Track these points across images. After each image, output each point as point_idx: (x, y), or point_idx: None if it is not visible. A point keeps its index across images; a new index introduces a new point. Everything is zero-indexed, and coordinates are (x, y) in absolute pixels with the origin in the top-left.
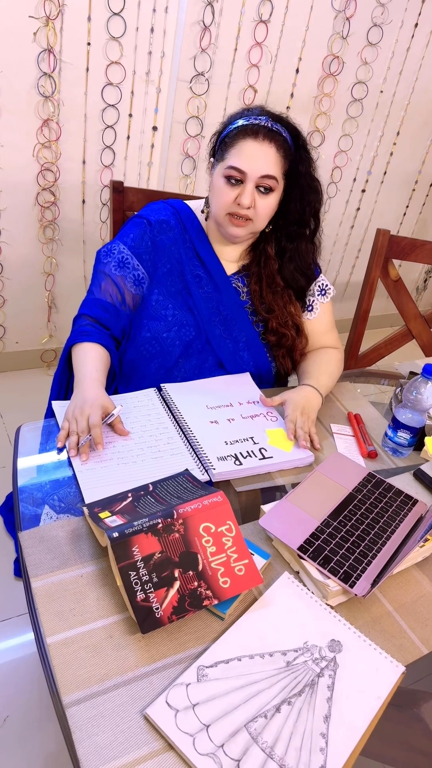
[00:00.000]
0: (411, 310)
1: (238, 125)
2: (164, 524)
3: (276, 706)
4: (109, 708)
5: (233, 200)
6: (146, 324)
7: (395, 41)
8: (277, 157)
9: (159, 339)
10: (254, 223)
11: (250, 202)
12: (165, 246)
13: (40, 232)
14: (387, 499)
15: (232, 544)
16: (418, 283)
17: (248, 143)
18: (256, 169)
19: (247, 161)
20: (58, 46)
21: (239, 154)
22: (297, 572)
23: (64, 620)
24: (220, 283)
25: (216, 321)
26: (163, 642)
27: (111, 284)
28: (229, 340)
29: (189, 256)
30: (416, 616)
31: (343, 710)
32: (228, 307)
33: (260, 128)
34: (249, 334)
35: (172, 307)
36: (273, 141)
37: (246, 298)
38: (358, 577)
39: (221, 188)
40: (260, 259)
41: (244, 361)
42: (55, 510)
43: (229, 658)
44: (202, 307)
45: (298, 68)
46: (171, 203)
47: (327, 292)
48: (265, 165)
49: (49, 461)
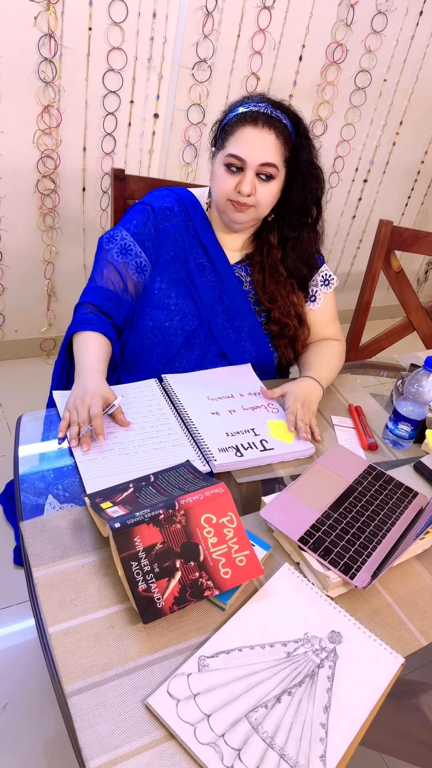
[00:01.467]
0: (412, 301)
1: (237, 113)
2: (166, 515)
3: (276, 696)
4: (110, 697)
5: (233, 188)
6: (149, 312)
7: (399, 29)
8: (277, 144)
9: (161, 328)
10: (256, 209)
11: (250, 189)
12: (168, 233)
13: (40, 219)
14: (387, 492)
15: (234, 535)
16: (419, 275)
17: (247, 130)
18: (256, 157)
19: (246, 149)
20: (59, 30)
21: (238, 141)
22: (297, 563)
23: (65, 610)
24: (222, 272)
25: (218, 310)
26: (165, 632)
27: (113, 271)
28: (231, 330)
29: (192, 244)
30: (416, 608)
31: (343, 701)
32: (231, 297)
33: (259, 115)
34: (251, 324)
35: (175, 296)
36: (272, 128)
37: (249, 288)
38: (358, 569)
39: (221, 176)
40: (263, 248)
41: (246, 351)
42: (59, 500)
43: (230, 648)
44: (205, 296)
45: (301, 56)
46: (175, 190)
47: (330, 282)
48: (265, 152)
49: (51, 451)
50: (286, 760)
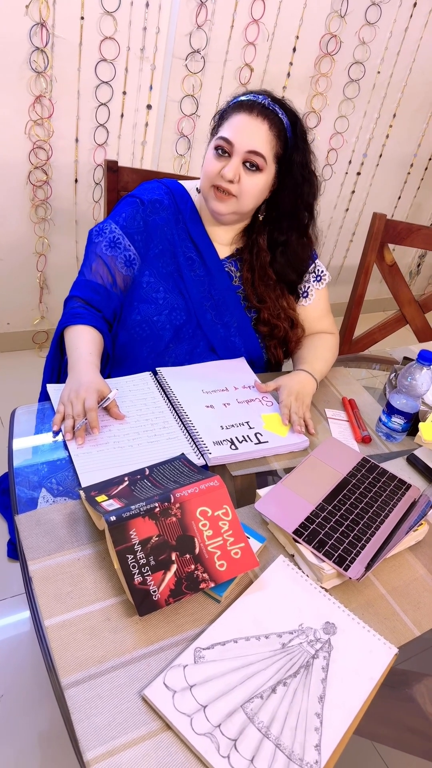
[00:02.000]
0: (405, 295)
1: (236, 101)
2: (161, 508)
3: (272, 686)
4: (107, 689)
5: (218, 171)
6: (137, 307)
7: (393, 21)
8: (268, 135)
9: (150, 322)
10: (238, 200)
11: (233, 175)
12: (158, 226)
13: (31, 211)
14: (381, 484)
15: (229, 527)
16: (412, 268)
17: (241, 116)
18: (244, 143)
19: (236, 133)
20: (50, 19)
21: (230, 126)
22: (292, 556)
23: (61, 603)
24: (212, 267)
25: (207, 305)
26: (160, 624)
27: (102, 265)
28: (220, 325)
29: (182, 237)
30: (409, 599)
31: (338, 691)
32: (220, 292)
33: (256, 104)
34: (240, 320)
35: (163, 290)
36: (266, 118)
37: (238, 283)
38: (352, 561)
39: (209, 159)
40: (252, 248)
41: (235, 347)
42: (53, 493)
43: (226, 640)
44: (194, 290)
45: (295, 47)
46: (165, 183)
47: (323, 278)
48: (254, 140)
49: (45, 445)
50: (282, 750)
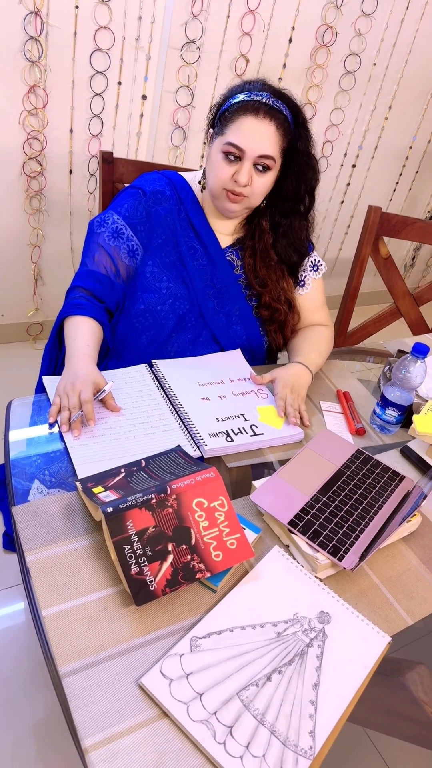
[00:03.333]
0: (400, 288)
1: (238, 100)
2: (158, 499)
3: (267, 675)
4: (104, 678)
5: (230, 177)
6: (140, 296)
7: (390, 12)
8: (276, 136)
9: (153, 311)
10: (250, 199)
11: (247, 180)
12: (160, 217)
13: (26, 202)
14: (375, 476)
15: (225, 518)
16: (406, 261)
17: (248, 120)
18: (255, 148)
19: (246, 139)
20: (45, 8)
21: (238, 130)
22: (287, 546)
23: (58, 593)
24: (214, 256)
25: (210, 294)
26: (157, 614)
27: (105, 255)
28: (222, 313)
29: (184, 227)
30: (402, 589)
31: (332, 679)
32: (222, 281)
33: (261, 105)
34: (242, 308)
35: (166, 280)
36: (273, 119)
37: (240, 272)
38: (346, 551)
39: (219, 164)
40: (255, 232)
41: (237, 335)
42: (46, 485)
43: (221, 629)
44: (196, 279)
45: (291, 38)
46: (166, 174)
47: (319, 268)
48: (265, 144)
49: (41, 436)
50: (277, 736)
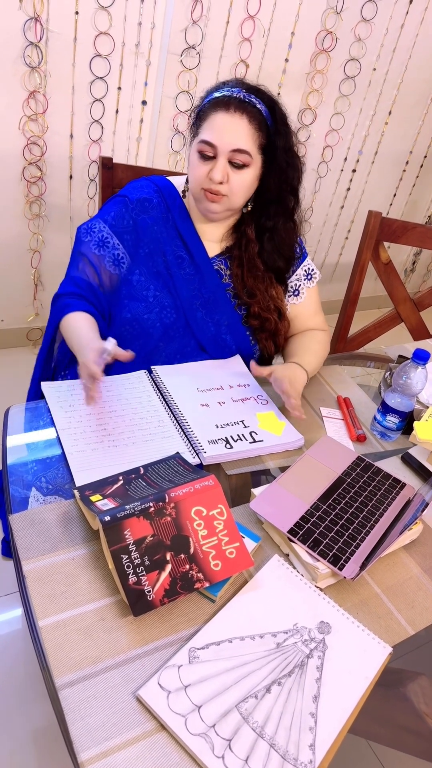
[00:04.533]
0: (400, 293)
1: (211, 98)
2: (156, 508)
3: (266, 686)
4: (101, 690)
5: (206, 175)
6: (127, 305)
7: (389, 17)
8: (249, 130)
9: (140, 320)
10: (230, 198)
11: (221, 177)
12: (147, 225)
13: (26, 207)
14: (375, 483)
15: (224, 527)
16: (407, 266)
17: (219, 116)
18: (227, 143)
19: (217, 134)
20: (45, 14)
21: (210, 127)
22: (287, 555)
23: (55, 603)
24: (201, 265)
25: (197, 304)
26: (155, 624)
27: (88, 265)
28: (210, 323)
29: (171, 236)
30: (403, 598)
31: (332, 690)
32: (210, 290)
33: (232, 100)
34: (231, 318)
35: (153, 288)
36: (245, 112)
37: (228, 281)
38: (347, 560)
39: (194, 163)
40: (241, 241)
41: (226, 345)
42: (42, 492)
43: (220, 640)
44: (183, 289)
45: (291, 43)
46: (153, 180)
47: (313, 277)
48: (236, 138)
49: (40, 444)
50: (276, 749)
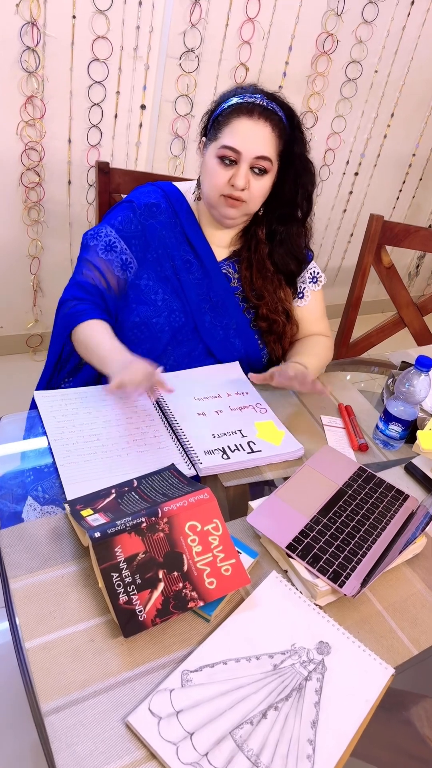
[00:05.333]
0: (403, 297)
1: (232, 103)
2: (148, 523)
3: (262, 711)
4: (89, 716)
5: (227, 181)
6: (135, 308)
7: (391, 19)
8: (272, 137)
9: (148, 324)
10: (248, 204)
11: (244, 183)
12: (155, 230)
13: (24, 213)
14: (378, 495)
15: (219, 543)
16: (410, 269)
17: (243, 122)
18: (251, 150)
19: (241, 141)
20: (41, 18)
21: (233, 133)
22: (285, 571)
23: (43, 624)
24: (210, 269)
25: (206, 308)
26: (147, 645)
27: (94, 270)
28: (219, 327)
29: (179, 240)
30: (406, 616)
31: (331, 715)
32: (218, 294)
33: (255, 106)
34: (239, 321)
35: (162, 292)
36: (268, 120)
37: (236, 285)
38: (347, 576)
39: (214, 169)
40: (251, 243)
41: (235, 348)
42: (39, 501)
43: (215, 662)
44: (192, 293)
45: (291, 46)
46: (160, 186)
47: (318, 280)
48: (261, 145)
49: (31, 455)
50: None
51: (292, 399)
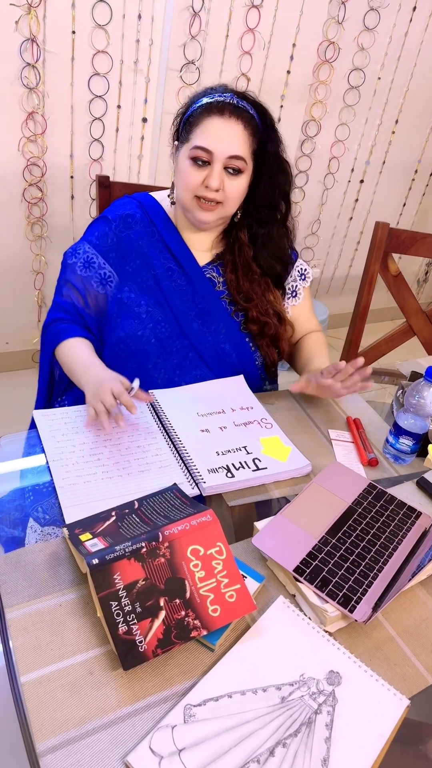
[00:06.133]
0: (412, 305)
1: (202, 103)
2: (149, 548)
3: (269, 748)
4: (86, 755)
5: (200, 182)
6: (120, 323)
7: (393, 26)
8: (245, 136)
9: (133, 337)
10: (224, 206)
11: (218, 184)
12: (131, 241)
13: (27, 229)
14: (389, 513)
15: (223, 567)
16: (419, 276)
17: (214, 121)
18: (224, 149)
19: (213, 140)
20: (41, 35)
21: (205, 132)
22: (293, 596)
23: (40, 655)
24: (192, 276)
25: (193, 315)
26: (148, 678)
27: (73, 289)
28: (208, 333)
29: (158, 249)
30: (421, 641)
31: (343, 751)
32: (204, 299)
33: (226, 105)
34: (228, 325)
35: (145, 304)
36: (240, 118)
37: (222, 288)
38: (358, 601)
39: (187, 170)
40: (234, 246)
41: (226, 354)
42: (40, 522)
43: (219, 695)
44: (176, 301)
45: (292, 55)
46: (135, 197)
47: (307, 276)
48: (233, 144)
49: (31, 476)
50: None
51: (299, 413)
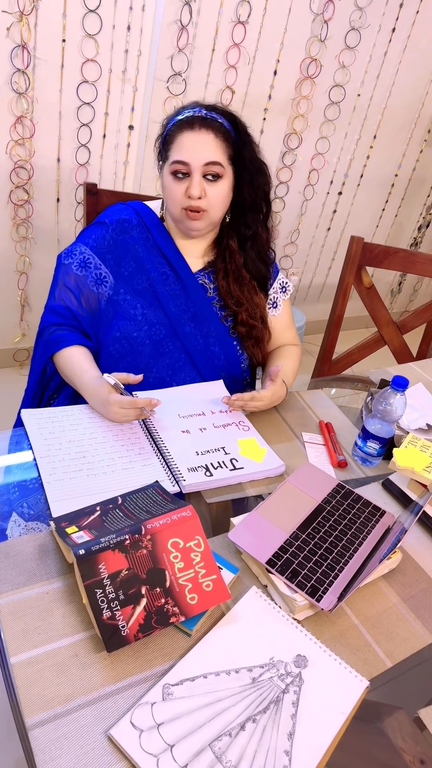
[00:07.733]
0: (384, 316)
1: (174, 122)
2: (132, 540)
3: (241, 723)
4: (72, 729)
5: (184, 194)
6: (116, 324)
7: (373, 45)
8: (216, 142)
9: (129, 339)
10: (209, 213)
11: (199, 191)
12: (128, 245)
13: (13, 230)
14: (355, 510)
15: (201, 559)
16: (393, 286)
17: (186, 135)
18: (198, 158)
19: (187, 152)
20: (32, 42)
21: (179, 147)
22: (265, 586)
23: (28, 639)
24: (186, 281)
25: (186, 318)
26: (129, 660)
27: (67, 291)
28: (199, 336)
29: (153, 254)
30: (381, 629)
31: (307, 727)
32: (196, 304)
33: (195, 119)
34: (218, 330)
35: (140, 306)
36: (210, 128)
37: (213, 294)
38: (325, 591)
39: (170, 185)
40: (225, 254)
41: (215, 356)
42: (24, 518)
43: (195, 675)
44: (170, 305)
45: (276, 70)
46: (130, 204)
47: (287, 289)
48: (206, 152)
49: (16, 471)
50: None
51: (275, 416)
